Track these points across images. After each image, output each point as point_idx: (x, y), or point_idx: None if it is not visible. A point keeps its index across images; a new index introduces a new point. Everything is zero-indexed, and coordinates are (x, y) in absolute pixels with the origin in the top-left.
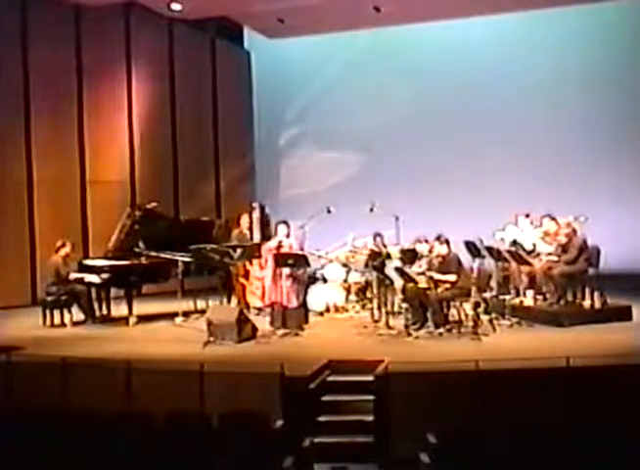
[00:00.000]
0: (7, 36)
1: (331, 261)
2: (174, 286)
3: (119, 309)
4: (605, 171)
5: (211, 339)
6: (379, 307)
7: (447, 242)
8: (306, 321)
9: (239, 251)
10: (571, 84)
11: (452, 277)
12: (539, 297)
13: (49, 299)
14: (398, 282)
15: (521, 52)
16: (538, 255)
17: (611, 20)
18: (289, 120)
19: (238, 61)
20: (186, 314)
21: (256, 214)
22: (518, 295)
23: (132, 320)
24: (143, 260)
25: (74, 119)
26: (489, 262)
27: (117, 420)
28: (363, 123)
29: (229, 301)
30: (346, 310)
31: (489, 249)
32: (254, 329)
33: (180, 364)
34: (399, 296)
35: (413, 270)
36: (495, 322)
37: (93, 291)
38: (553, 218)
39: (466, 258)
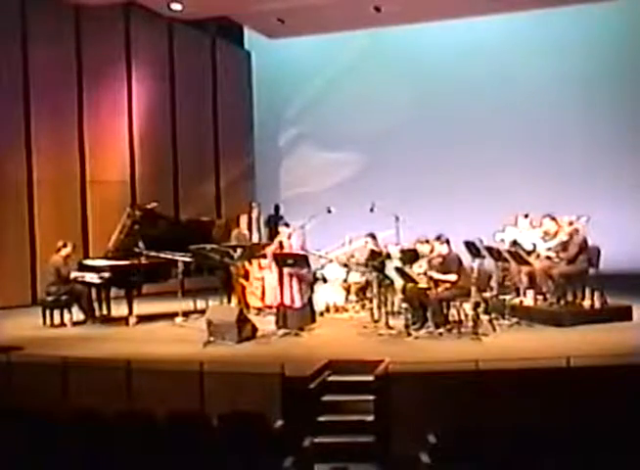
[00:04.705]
0: (7, 36)
1: (331, 261)
2: (174, 286)
3: (119, 309)
4: (605, 171)
5: (211, 339)
6: (379, 307)
7: (447, 242)
8: (313, 320)
9: (239, 251)
10: (571, 85)
11: (452, 277)
12: (539, 297)
13: (49, 299)
14: (398, 282)
15: (521, 52)
16: (538, 255)
17: (611, 20)
18: (289, 121)
19: (238, 61)
20: (186, 314)
21: (255, 215)
22: (518, 295)
23: (132, 320)
24: (143, 260)
25: (74, 120)
26: (489, 262)
27: (117, 420)
28: (363, 123)
29: (229, 301)
30: (346, 310)
31: (489, 249)
32: (254, 329)
33: (180, 364)
34: (399, 296)
35: (413, 270)
36: (495, 322)
37: (93, 291)
38: (553, 218)
39: (466, 258)
